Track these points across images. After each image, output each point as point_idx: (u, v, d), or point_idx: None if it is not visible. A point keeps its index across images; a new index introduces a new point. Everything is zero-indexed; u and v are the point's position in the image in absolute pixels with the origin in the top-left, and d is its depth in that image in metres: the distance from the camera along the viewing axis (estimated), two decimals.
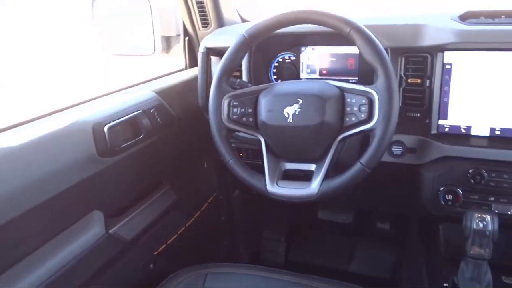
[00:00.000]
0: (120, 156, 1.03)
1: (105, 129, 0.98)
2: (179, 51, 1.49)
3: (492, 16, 1.02)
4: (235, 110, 0.98)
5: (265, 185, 0.95)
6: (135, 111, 1.08)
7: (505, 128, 1.02)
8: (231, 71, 1.01)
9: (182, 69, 1.46)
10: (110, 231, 1.03)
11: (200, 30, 1.39)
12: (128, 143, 1.05)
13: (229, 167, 0.99)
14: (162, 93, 1.21)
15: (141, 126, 1.09)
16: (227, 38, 1.21)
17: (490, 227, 0.89)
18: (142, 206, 1.14)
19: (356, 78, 1.21)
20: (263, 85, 0.99)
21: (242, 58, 1.02)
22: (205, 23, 1.37)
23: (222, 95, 0.99)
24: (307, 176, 0.95)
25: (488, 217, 0.90)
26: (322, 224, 1.77)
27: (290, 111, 0.93)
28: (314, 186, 0.92)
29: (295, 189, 0.94)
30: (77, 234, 0.96)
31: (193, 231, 1.40)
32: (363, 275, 1.67)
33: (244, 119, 0.98)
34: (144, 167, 1.15)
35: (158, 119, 1.15)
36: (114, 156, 1.01)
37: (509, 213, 1.02)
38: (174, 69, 1.45)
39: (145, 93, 1.17)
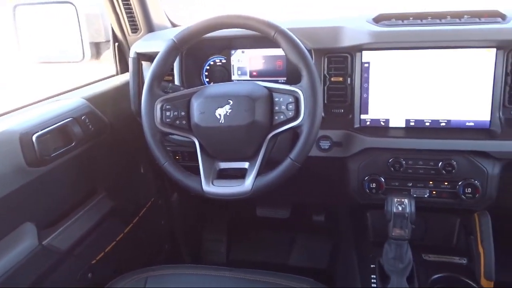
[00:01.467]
0: (51, 166, 1.01)
1: (34, 138, 0.96)
2: (110, 57, 1.47)
3: (402, 18, 1.12)
4: (168, 113, 1.00)
5: (201, 185, 0.98)
6: (65, 119, 1.06)
7: (418, 119, 1.12)
8: (162, 75, 1.02)
9: (113, 75, 1.44)
10: (44, 243, 1.01)
11: (130, 36, 1.38)
12: (59, 151, 1.03)
13: (165, 170, 1.00)
14: (93, 99, 1.19)
15: (72, 134, 1.08)
16: (157, 43, 1.22)
17: (408, 209, 0.98)
18: (77, 215, 1.12)
19: (285, 78, 1.27)
20: (195, 88, 1.02)
21: (173, 62, 1.04)
22: (135, 29, 1.37)
23: (154, 100, 1.00)
24: (242, 174, 0.99)
25: (406, 200, 0.99)
26: (261, 221, 1.82)
27: (222, 112, 0.96)
28: (248, 183, 0.96)
29: (230, 187, 0.97)
30: (7, 247, 0.93)
31: (132, 237, 1.39)
32: (302, 267, 1.74)
33: (177, 122, 1.00)
34: (77, 175, 1.13)
35: (90, 126, 1.14)
36: (45, 166, 0.99)
37: (426, 196, 1.12)
38: (105, 75, 1.43)
39: (75, 101, 1.15)
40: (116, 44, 1.42)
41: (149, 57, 1.24)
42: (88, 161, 1.15)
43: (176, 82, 1.25)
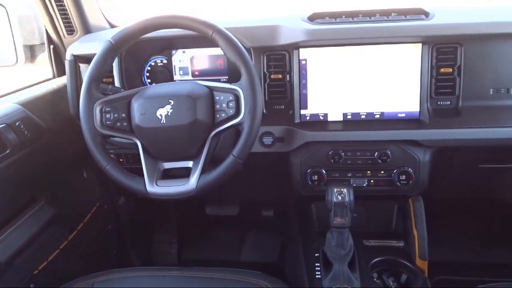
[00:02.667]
0: None
1: None
2: (45, 60, 1.42)
3: (335, 17, 1.16)
4: (108, 116, 0.99)
5: (145, 186, 0.97)
6: None
7: (354, 113, 1.17)
8: (100, 77, 1.01)
9: (50, 79, 1.40)
10: None
11: (66, 38, 1.34)
12: None
13: (107, 173, 0.99)
14: (28, 104, 1.15)
15: (6, 140, 1.03)
16: (94, 45, 1.20)
17: (347, 198, 1.03)
18: (16, 225, 1.08)
19: (227, 77, 1.28)
20: (135, 89, 1.01)
21: (111, 64, 1.03)
22: (70, 30, 1.33)
23: (93, 102, 0.98)
24: (186, 174, 0.99)
25: (345, 190, 1.04)
26: (211, 219, 1.83)
27: (163, 112, 0.96)
28: (192, 182, 0.97)
29: (174, 186, 0.97)
30: None
31: (77, 244, 1.35)
32: (254, 262, 1.77)
33: (118, 124, 0.99)
34: (14, 183, 1.09)
35: (26, 132, 1.10)
36: None
37: (364, 185, 1.18)
38: (41, 79, 1.38)
39: (8, 106, 1.10)
40: (52, 46, 1.38)
41: (87, 59, 1.21)
42: (25, 168, 1.11)
43: (117, 84, 1.23)
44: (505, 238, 1.63)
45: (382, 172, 1.17)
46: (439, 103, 1.13)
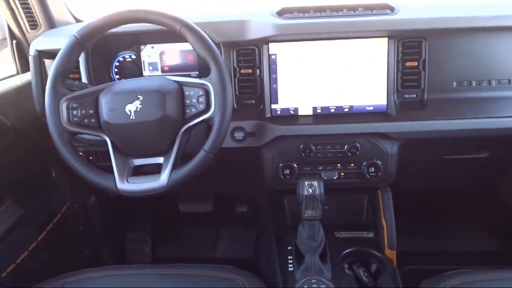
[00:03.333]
0: None
1: None
2: (8, 56, 1.38)
3: (303, 11, 1.18)
4: (75, 112, 0.97)
5: (115, 183, 0.96)
6: None
7: (324, 107, 1.18)
8: (66, 73, 0.99)
9: (14, 75, 1.36)
10: None
11: (29, 32, 1.31)
12: None
13: (76, 171, 0.97)
14: None
15: None
16: (59, 40, 1.17)
17: (317, 191, 1.04)
18: None
19: (197, 72, 1.28)
20: (102, 85, 0.99)
21: (76, 59, 1.01)
22: (34, 25, 1.29)
23: (59, 98, 0.96)
24: (158, 170, 0.99)
25: (315, 183, 1.05)
26: (185, 216, 1.82)
27: (132, 108, 0.95)
28: (163, 178, 0.96)
29: (145, 183, 0.97)
30: None
31: (47, 245, 1.32)
32: (229, 257, 1.77)
33: (85, 120, 0.97)
34: None
35: None
36: None
37: (335, 178, 1.20)
38: (4, 75, 1.34)
39: None
40: (14, 41, 1.34)
41: (51, 54, 1.18)
42: None
43: (84, 80, 1.21)
44: (470, 227, 1.70)
45: (352, 164, 1.19)
46: (405, 96, 1.16)
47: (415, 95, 1.15)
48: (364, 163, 1.18)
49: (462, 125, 1.13)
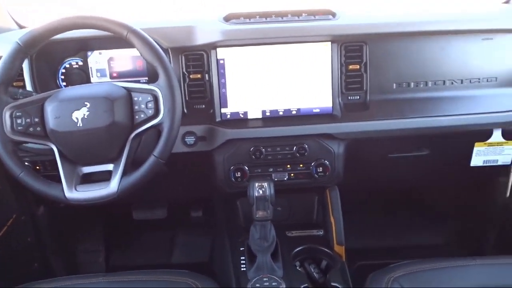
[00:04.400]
0: None
1: None
2: None
3: (249, 17, 1.21)
4: (19, 121, 0.95)
5: (63, 192, 0.95)
6: None
7: (273, 110, 1.22)
8: (8, 81, 0.97)
9: None
10: None
11: None
12: None
13: (21, 181, 0.95)
14: None
15: None
16: (0, 47, 1.13)
17: (268, 192, 1.07)
18: None
19: (146, 78, 1.27)
20: (47, 92, 0.98)
21: (19, 67, 0.99)
22: None
23: (2, 107, 0.94)
24: (108, 177, 0.98)
25: (265, 184, 1.08)
26: (139, 224, 1.80)
27: (79, 115, 0.94)
28: (113, 185, 0.96)
29: (95, 190, 0.96)
30: None
31: None
32: (185, 263, 1.77)
33: (31, 129, 0.95)
34: None
35: None
36: None
37: (285, 179, 1.23)
38: None
39: None
40: None
41: None
42: None
43: (28, 87, 1.17)
44: (416, 221, 1.78)
45: (301, 165, 1.23)
46: (349, 98, 1.21)
47: (358, 97, 1.21)
48: (312, 164, 1.22)
49: (402, 125, 1.20)
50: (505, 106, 1.24)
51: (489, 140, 1.31)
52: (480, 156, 1.35)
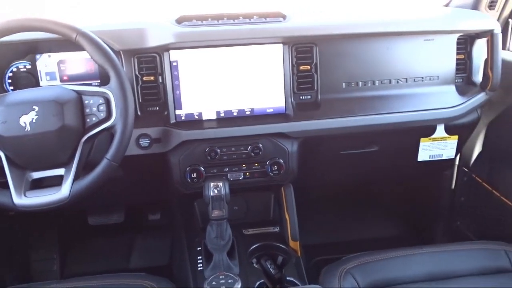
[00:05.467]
0: None
1: None
2: None
3: (201, 19, 1.22)
4: None
5: (11, 198, 0.93)
6: None
7: (227, 110, 1.23)
8: None
9: None
10: None
11: None
12: None
13: None
14: None
15: None
16: None
17: (223, 191, 1.09)
18: None
19: (99, 81, 1.26)
20: None
21: None
22: None
23: None
24: (59, 182, 0.96)
25: (220, 184, 1.09)
26: (95, 230, 1.76)
27: (27, 119, 0.92)
28: (65, 190, 0.94)
29: (45, 196, 0.94)
30: None
31: None
32: (144, 267, 1.74)
33: None
34: None
35: None
36: None
37: (241, 178, 1.25)
38: None
39: None
40: None
41: None
42: None
43: None
44: (370, 216, 1.85)
45: (256, 164, 1.25)
46: (301, 97, 1.25)
47: (309, 96, 1.25)
48: (267, 162, 1.24)
49: (352, 122, 1.25)
50: (447, 103, 1.31)
51: (434, 136, 1.39)
52: (426, 151, 1.42)
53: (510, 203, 1.38)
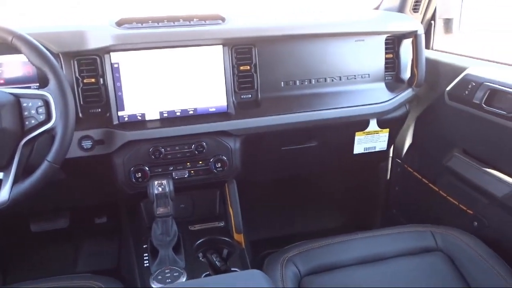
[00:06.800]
0: None
1: None
2: None
3: (142, 22, 1.23)
4: None
5: None
6: None
7: (170, 111, 1.26)
8: None
9: None
10: None
11: None
12: None
13: None
14: None
15: None
16: None
17: (167, 189, 1.11)
18: None
19: (37, 84, 1.24)
20: None
21: None
22: None
23: None
24: None
25: (164, 181, 1.12)
26: (39, 237, 1.72)
27: None
28: (3, 194, 0.93)
29: None
30: None
31: None
32: (92, 271, 1.72)
33: None
34: None
35: None
36: None
37: (186, 176, 1.28)
38: None
39: None
40: None
41: None
42: None
43: None
44: (313, 208, 1.94)
45: (200, 162, 1.28)
46: (242, 96, 1.30)
47: (250, 95, 1.30)
48: (211, 160, 1.28)
49: (291, 119, 1.31)
50: (378, 99, 1.41)
51: (367, 129, 1.49)
52: (361, 144, 1.52)
53: (437, 189, 1.51)
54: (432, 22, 1.63)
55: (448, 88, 1.36)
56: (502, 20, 1.63)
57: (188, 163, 1.28)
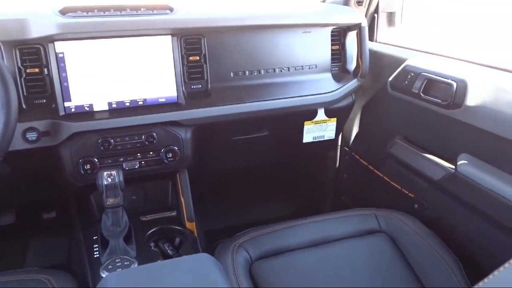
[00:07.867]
0: None
1: None
2: None
3: (87, 10, 1.21)
4: None
5: None
6: None
7: (119, 101, 1.25)
8: None
9: None
10: None
11: None
12: None
13: None
14: None
15: None
16: None
17: (117, 179, 1.11)
18: None
19: None
20: None
21: None
22: None
23: None
24: None
25: (114, 172, 1.11)
26: None
27: None
28: None
29: None
30: None
31: None
32: (42, 267, 1.68)
33: None
34: None
35: None
36: None
37: (137, 167, 1.28)
38: None
39: None
40: None
41: None
42: None
43: None
44: (267, 197, 1.98)
45: (151, 153, 1.28)
46: (192, 87, 1.30)
47: (200, 86, 1.31)
48: (162, 150, 1.28)
49: (241, 109, 1.34)
50: (325, 89, 1.46)
51: (316, 119, 1.54)
52: (310, 133, 1.57)
53: (381, 175, 1.58)
54: (376, 15, 1.70)
55: (390, 79, 1.42)
56: (440, 15, 1.73)
57: (138, 154, 1.27)
